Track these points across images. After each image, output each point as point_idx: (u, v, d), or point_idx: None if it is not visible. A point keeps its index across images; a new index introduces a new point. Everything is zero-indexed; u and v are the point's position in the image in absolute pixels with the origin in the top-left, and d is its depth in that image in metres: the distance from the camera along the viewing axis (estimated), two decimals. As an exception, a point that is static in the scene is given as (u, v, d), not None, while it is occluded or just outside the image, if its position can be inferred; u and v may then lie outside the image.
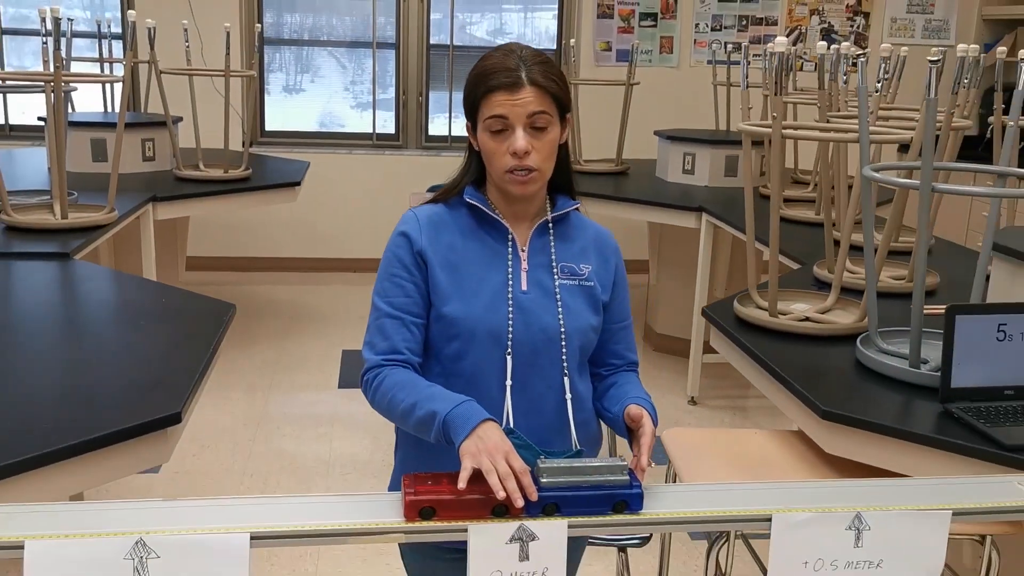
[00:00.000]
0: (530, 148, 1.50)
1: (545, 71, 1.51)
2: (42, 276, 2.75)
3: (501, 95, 1.49)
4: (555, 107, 1.52)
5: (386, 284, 1.58)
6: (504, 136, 1.50)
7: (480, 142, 1.54)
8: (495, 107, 1.49)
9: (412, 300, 1.56)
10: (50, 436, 1.64)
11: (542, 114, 1.50)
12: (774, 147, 2.21)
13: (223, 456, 3.71)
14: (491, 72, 1.50)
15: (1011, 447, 1.72)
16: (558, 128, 1.54)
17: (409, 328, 1.56)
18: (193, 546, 1.23)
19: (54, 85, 3.16)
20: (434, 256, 1.57)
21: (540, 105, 1.49)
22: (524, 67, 1.50)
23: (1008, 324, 1.86)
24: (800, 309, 2.51)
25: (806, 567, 1.36)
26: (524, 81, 1.49)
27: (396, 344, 1.56)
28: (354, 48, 6.50)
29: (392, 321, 1.56)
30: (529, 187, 1.53)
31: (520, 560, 1.30)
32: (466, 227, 1.60)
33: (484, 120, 1.51)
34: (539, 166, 1.51)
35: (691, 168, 4.83)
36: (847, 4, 6.51)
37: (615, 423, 1.61)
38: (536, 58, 1.53)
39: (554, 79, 1.52)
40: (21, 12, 6.18)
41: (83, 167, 4.50)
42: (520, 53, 1.52)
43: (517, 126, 1.49)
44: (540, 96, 1.49)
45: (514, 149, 1.49)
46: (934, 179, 1.86)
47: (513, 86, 1.48)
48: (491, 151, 1.52)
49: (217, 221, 6.18)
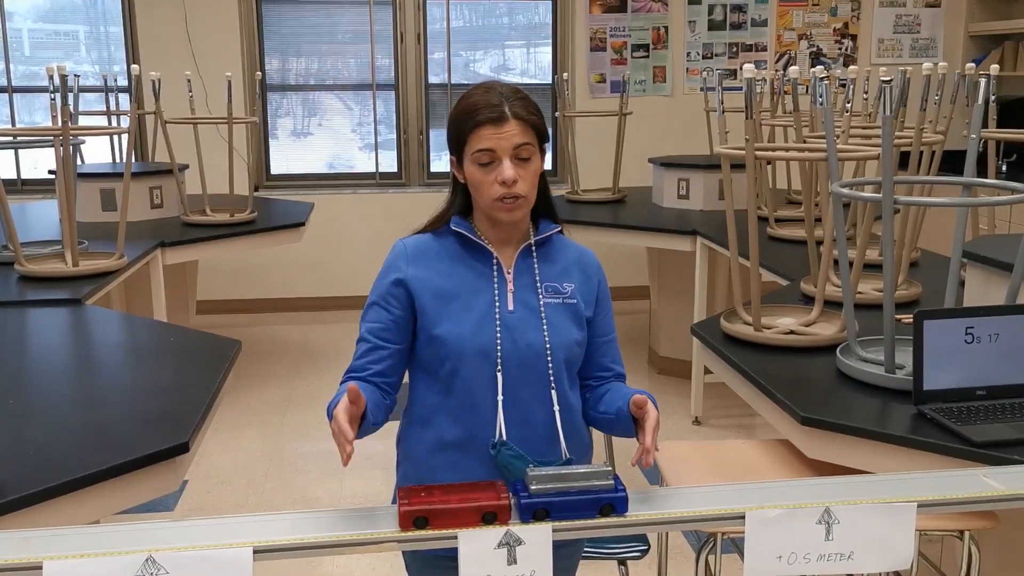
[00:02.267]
0: (517, 177, 1.61)
1: (525, 105, 1.64)
2: (55, 321, 2.86)
3: (488, 129, 1.60)
4: (536, 138, 1.64)
5: (368, 311, 1.72)
6: (491, 168, 1.61)
7: (468, 174, 1.65)
8: (483, 141, 1.60)
9: (385, 327, 1.69)
10: (66, 467, 1.74)
11: (526, 145, 1.62)
12: (748, 168, 2.31)
13: (237, 492, 3.79)
14: (477, 108, 1.62)
15: (980, 443, 1.80)
16: (539, 158, 1.66)
17: (377, 350, 1.68)
18: (199, 561, 1.31)
19: (62, 139, 3.29)
20: (421, 284, 1.67)
21: (524, 137, 1.61)
22: (507, 103, 1.62)
23: (975, 327, 1.94)
24: (786, 323, 2.59)
25: (780, 561, 1.43)
26: (508, 115, 1.60)
27: (362, 363, 1.69)
28: (358, 91, 6.66)
29: (364, 344, 1.70)
30: (516, 213, 1.64)
31: (508, 564, 1.38)
32: (454, 254, 1.71)
33: (472, 153, 1.62)
34: (526, 193, 1.63)
35: (686, 193, 4.93)
36: (834, 27, 6.64)
37: (615, 424, 1.69)
38: (516, 94, 1.65)
39: (534, 113, 1.64)
40: (32, 70, 6.37)
41: (94, 216, 4.63)
42: (500, 90, 1.64)
43: (504, 157, 1.60)
44: (523, 129, 1.61)
45: (503, 179, 1.60)
46: (907, 193, 1.95)
47: (498, 120, 1.60)
48: (479, 182, 1.63)
49: (226, 264, 6.31)
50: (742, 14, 6.54)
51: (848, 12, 6.63)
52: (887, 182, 1.89)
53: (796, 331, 2.52)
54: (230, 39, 6.19)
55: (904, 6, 6.63)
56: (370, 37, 6.48)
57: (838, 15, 6.63)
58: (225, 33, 6.19)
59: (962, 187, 2.13)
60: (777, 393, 2.12)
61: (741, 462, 2.23)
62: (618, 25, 6.48)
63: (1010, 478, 1.49)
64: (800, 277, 3.11)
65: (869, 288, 2.80)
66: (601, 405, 1.73)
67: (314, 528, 1.37)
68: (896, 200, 1.92)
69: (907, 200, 1.92)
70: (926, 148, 2.80)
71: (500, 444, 1.61)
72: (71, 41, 6.51)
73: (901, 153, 2.92)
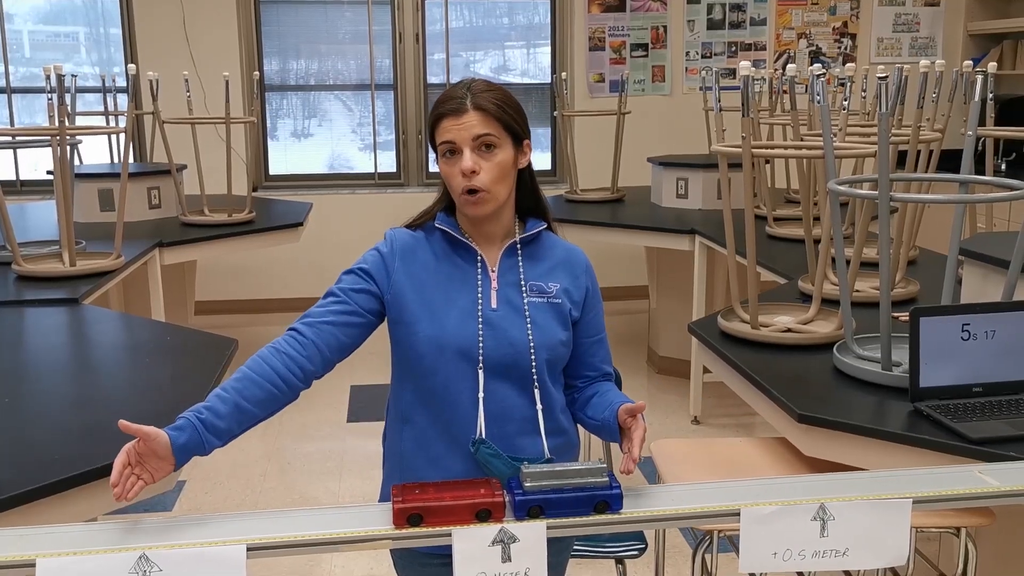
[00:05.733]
0: (477, 168, 1.59)
1: (491, 97, 1.62)
2: (52, 321, 2.86)
3: (448, 121, 1.60)
4: (503, 130, 1.62)
5: (344, 276, 1.68)
6: (455, 159, 1.61)
7: (440, 169, 1.65)
8: (444, 133, 1.61)
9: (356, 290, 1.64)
10: (62, 466, 1.74)
11: (487, 135, 1.60)
12: (745, 166, 2.31)
13: (235, 492, 3.79)
14: (441, 102, 1.63)
15: (976, 440, 1.79)
16: (510, 151, 1.64)
17: (341, 303, 1.63)
18: (193, 559, 1.31)
19: (59, 138, 3.29)
20: (405, 279, 1.66)
21: (485, 128, 1.60)
22: (470, 95, 1.61)
23: (971, 324, 1.94)
24: (783, 321, 2.59)
25: (775, 557, 1.43)
26: (468, 106, 1.60)
27: (320, 311, 1.62)
28: (358, 91, 6.66)
29: (330, 296, 1.65)
30: (481, 208, 1.62)
31: (503, 561, 1.38)
32: (439, 251, 1.70)
33: (438, 147, 1.63)
34: (487, 187, 1.60)
35: (684, 192, 4.93)
36: (833, 26, 6.64)
37: (602, 430, 1.68)
38: (484, 87, 1.64)
39: (499, 104, 1.62)
40: (32, 71, 6.38)
41: (91, 217, 4.63)
42: (469, 84, 1.64)
43: (464, 148, 1.60)
44: (485, 119, 1.60)
45: (461, 169, 1.59)
46: (904, 191, 1.95)
47: (457, 111, 1.60)
48: (446, 175, 1.63)
49: (224, 265, 6.31)
50: (741, 13, 6.54)
51: (847, 11, 6.62)
52: (883, 179, 1.89)
53: (793, 329, 2.52)
54: (228, 39, 6.20)
55: (903, 5, 6.63)
56: (369, 37, 6.48)
57: (837, 14, 6.62)
58: (223, 33, 6.19)
59: (959, 184, 2.12)
60: (774, 391, 2.12)
61: (737, 460, 2.23)
62: (617, 24, 6.48)
63: (1006, 474, 1.48)
64: (799, 276, 3.11)
65: (867, 286, 2.80)
66: (588, 409, 1.72)
67: (308, 526, 1.37)
68: (892, 197, 1.91)
69: (903, 197, 1.92)
70: (924, 146, 2.80)
71: (479, 442, 1.61)
72: (71, 43, 6.51)
73: (899, 151, 2.92)
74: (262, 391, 1.55)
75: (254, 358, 1.59)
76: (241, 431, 1.55)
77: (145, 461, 1.41)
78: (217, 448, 1.51)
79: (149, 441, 1.40)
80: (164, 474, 1.44)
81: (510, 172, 1.64)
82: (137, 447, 1.40)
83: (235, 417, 1.52)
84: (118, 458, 1.39)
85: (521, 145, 1.66)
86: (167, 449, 1.43)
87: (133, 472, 1.40)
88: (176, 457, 1.44)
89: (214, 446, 1.50)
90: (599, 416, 1.68)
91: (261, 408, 1.56)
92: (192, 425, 1.47)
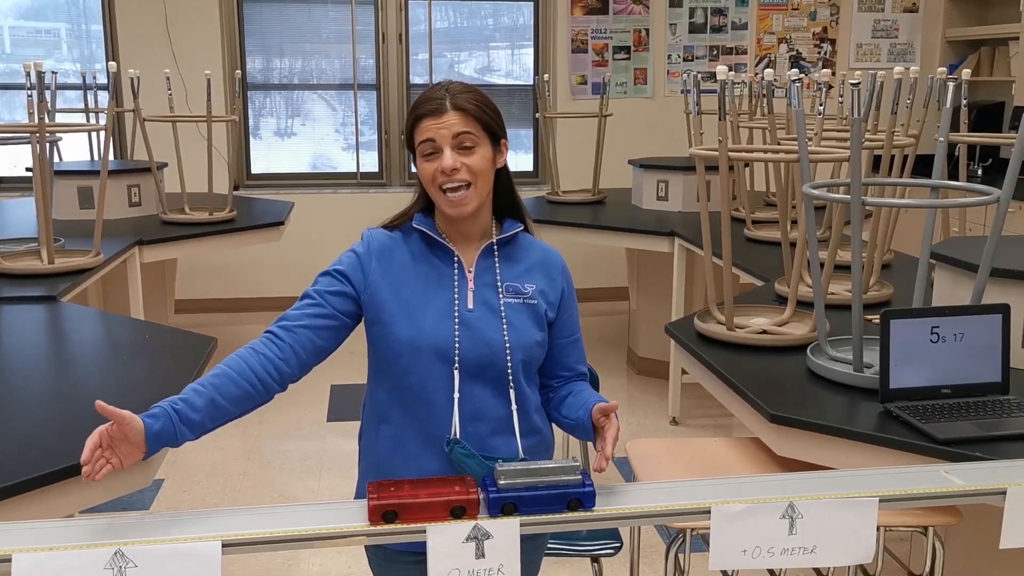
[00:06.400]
0: (458, 165, 1.62)
1: (469, 97, 1.65)
2: (30, 318, 2.85)
3: (428, 121, 1.63)
4: (481, 129, 1.64)
5: (320, 278, 1.69)
6: (434, 159, 1.63)
7: (418, 169, 1.67)
8: (424, 132, 1.63)
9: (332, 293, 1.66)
10: (39, 462, 1.74)
11: (467, 134, 1.62)
12: (721, 168, 2.33)
13: (214, 491, 3.79)
14: (420, 103, 1.65)
15: (944, 440, 1.83)
16: (488, 150, 1.66)
17: (317, 307, 1.65)
18: (168, 555, 1.32)
19: (39, 135, 3.28)
20: (381, 279, 1.68)
21: (464, 127, 1.62)
22: (449, 96, 1.64)
23: (940, 326, 1.97)
24: (759, 323, 2.62)
25: (745, 554, 1.45)
26: (447, 107, 1.62)
27: (296, 314, 1.64)
28: (341, 91, 6.66)
29: (307, 299, 1.66)
30: (462, 207, 1.64)
31: (476, 558, 1.39)
32: (416, 251, 1.72)
33: (417, 146, 1.65)
34: (470, 181, 1.63)
35: (665, 195, 4.97)
36: (813, 32, 6.70)
37: (576, 428, 1.71)
38: (463, 88, 1.66)
39: (477, 104, 1.65)
40: (12, 67, 6.34)
41: (71, 214, 4.61)
42: (448, 86, 1.67)
43: (444, 147, 1.62)
44: (464, 119, 1.62)
45: (442, 167, 1.61)
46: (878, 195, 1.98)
47: (437, 111, 1.62)
48: (425, 174, 1.65)
49: (204, 264, 6.29)
50: (723, 17, 6.58)
51: (827, 17, 6.68)
52: (855, 183, 1.92)
53: (768, 331, 2.55)
54: (211, 37, 6.18)
55: (882, 11, 6.69)
56: (352, 37, 6.49)
57: (817, 19, 6.68)
58: (206, 31, 6.17)
59: (930, 189, 2.16)
60: (748, 391, 2.14)
61: (712, 459, 2.26)
62: (599, 27, 6.51)
63: (970, 474, 1.51)
64: (776, 278, 3.14)
65: (841, 289, 2.83)
66: (564, 408, 1.74)
67: (284, 522, 1.38)
68: (864, 201, 1.94)
69: (875, 201, 1.95)
70: (898, 151, 2.83)
71: (453, 442, 1.62)
72: (52, 39, 6.48)
73: (874, 156, 2.96)
74: (238, 389, 1.56)
75: (232, 356, 1.60)
76: (214, 427, 1.56)
77: (116, 446, 1.42)
78: (189, 440, 1.52)
79: (123, 425, 1.41)
80: (132, 461, 1.45)
81: (489, 171, 1.67)
82: (110, 430, 1.41)
83: (209, 412, 1.53)
84: (90, 438, 1.39)
85: (499, 145, 1.68)
86: (140, 435, 1.44)
87: (104, 455, 1.41)
88: (148, 445, 1.45)
89: (186, 438, 1.51)
90: (573, 415, 1.70)
91: (236, 405, 1.57)
92: (167, 414, 1.48)
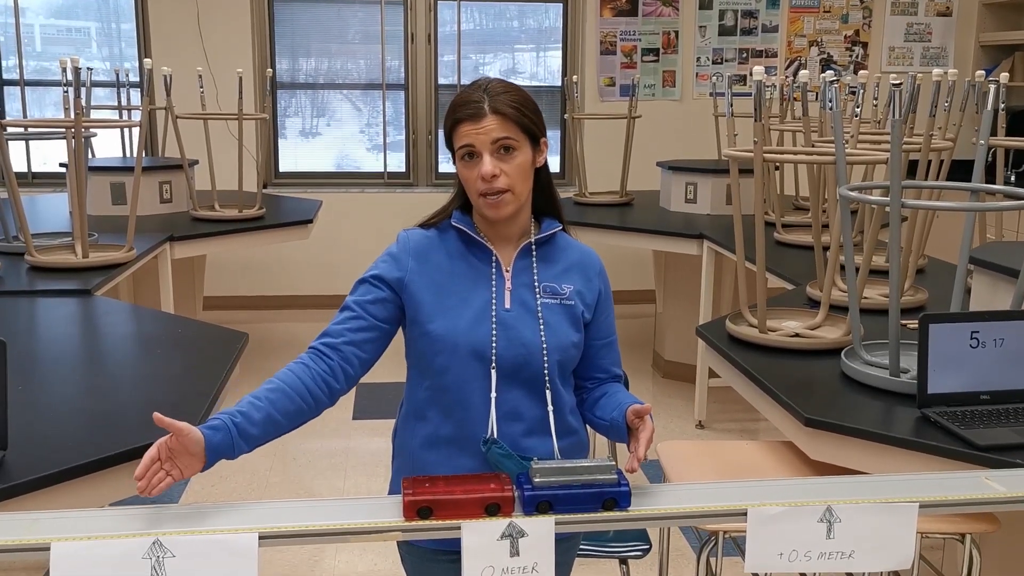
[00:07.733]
0: (498, 172, 1.60)
1: (508, 99, 1.61)
2: (65, 311, 2.88)
3: (467, 126, 1.60)
4: (521, 132, 1.62)
5: (358, 286, 1.70)
6: (474, 163, 1.61)
7: (458, 171, 1.66)
8: (463, 137, 1.61)
9: (372, 302, 1.67)
10: (74, 454, 1.76)
11: (507, 139, 1.60)
12: (756, 170, 2.32)
13: (241, 487, 3.81)
14: (457, 106, 1.62)
15: (983, 447, 1.80)
16: (528, 152, 1.64)
17: (358, 319, 1.66)
18: (206, 545, 1.32)
19: (75, 131, 3.31)
20: (419, 278, 1.67)
21: (504, 131, 1.60)
22: (487, 98, 1.61)
23: (980, 331, 1.95)
24: (791, 326, 2.60)
25: (781, 558, 1.44)
26: (486, 111, 1.60)
27: (339, 329, 1.66)
28: (368, 91, 6.68)
29: (347, 311, 1.67)
30: (502, 210, 1.63)
31: (511, 556, 1.39)
32: (454, 250, 1.71)
33: (456, 150, 1.63)
34: (509, 187, 1.61)
35: (693, 197, 4.94)
36: (845, 35, 6.65)
37: (611, 430, 1.70)
38: (501, 89, 1.63)
39: (516, 106, 1.62)
40: (43, 65, 6.41)
41: (103, 210, 4.65)
42: (486, 86, 1.63)
43: (484, 152, 1.60)
44: (503, 123, 1.60)
45: (481, 174, 1.60)
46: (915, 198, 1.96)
47: (475, 116, 1.60)
48: (465, 179, 1.64)
49: (233, 261, 6.33)
50: (753, 20, 6.55)
51: (859, 20, 6.63)
52: (895, 185, 1.90)
53: (801, 334, 2.53)
54: (242, 37, 6.22)
55: (915, 15, 6.63)
56: (381, 37, 6.50)
57: (849, 22, 6.63)
58: (237, 31, 6.21)
59: (970, 193, 2.13)
60: (781, 394, 2.13)
61: (744, 462, 2.24)
62: (628, 29, 6.50)
63: (1012, 480, 1.49)
64: (806, 282, 3.12)
65: (875, 293, 2.81)
66: (597, 410, 1.73)
67: (319, 516, 1.38)
68: (904, 203, 1.92)
69: (914, 204, 1.92)
70: (935, 155, 2.80)
71: (490, 442, 1.61)
72: (83, 37, 6.54)
73: (909, 160, 2.93)
74: (293, 404, 1.58)
75: (285, 371, 1.61)
76: (266, 440, 1.56)
77: (176, 457, 1.42)
78: (244, 453, 1.52)
79: (182, 437, 1.41)
80: (192, 472, 1.45)
81: (529, 172, 1.65)
82: (169, 443, 1.41)
83: (266, 427, 1.54)
84: (148, 452, 1.40)
85: (538, 144, 1.67)
86: (200, 446, 1.44)
87: (162, 467, 1.41)
88: (207, 456, 1.45)
89: (242, 451, 1.51)
90: (608, 416, 1.69)
91: (289, 420, 1.59)
92: (227, 427, 1.48)
